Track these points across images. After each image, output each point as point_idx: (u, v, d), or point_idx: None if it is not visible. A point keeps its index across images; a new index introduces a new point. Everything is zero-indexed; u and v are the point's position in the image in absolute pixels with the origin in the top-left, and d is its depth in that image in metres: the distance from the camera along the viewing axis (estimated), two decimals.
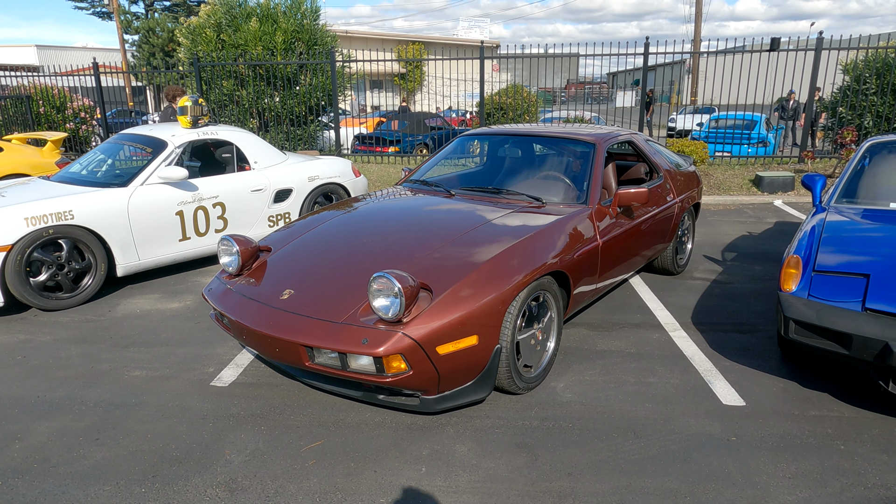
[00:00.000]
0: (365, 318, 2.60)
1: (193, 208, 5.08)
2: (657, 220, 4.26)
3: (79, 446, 2.67)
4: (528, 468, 2.47)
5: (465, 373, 2.68)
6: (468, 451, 2.60)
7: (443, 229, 3.21)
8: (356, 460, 2.54)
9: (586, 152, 3.99)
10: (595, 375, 3.27)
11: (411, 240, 3.13)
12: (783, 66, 12.04)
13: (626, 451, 2.57)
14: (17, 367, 3.48)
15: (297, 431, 2.76)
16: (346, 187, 6.35)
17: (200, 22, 10.73)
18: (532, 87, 12.98)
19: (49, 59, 30.86)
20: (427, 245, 3.03)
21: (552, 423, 2.79)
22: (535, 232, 3.12)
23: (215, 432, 2.76)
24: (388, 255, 2.98)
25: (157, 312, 4.34)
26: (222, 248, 3.25)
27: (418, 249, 3.00)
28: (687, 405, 2.95)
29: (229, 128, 5.73)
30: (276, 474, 2.46)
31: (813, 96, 9.26)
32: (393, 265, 2.86)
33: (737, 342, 3.69)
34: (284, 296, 2.85)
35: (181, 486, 2.39)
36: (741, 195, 8.36)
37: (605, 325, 3.97)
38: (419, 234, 3.18)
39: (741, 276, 5.00)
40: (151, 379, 3.31)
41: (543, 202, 3.63)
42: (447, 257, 2.89)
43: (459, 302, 2.62)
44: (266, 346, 2.75)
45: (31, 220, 4.19)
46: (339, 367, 2.60)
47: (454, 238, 3.07)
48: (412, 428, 2.77)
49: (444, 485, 2.38)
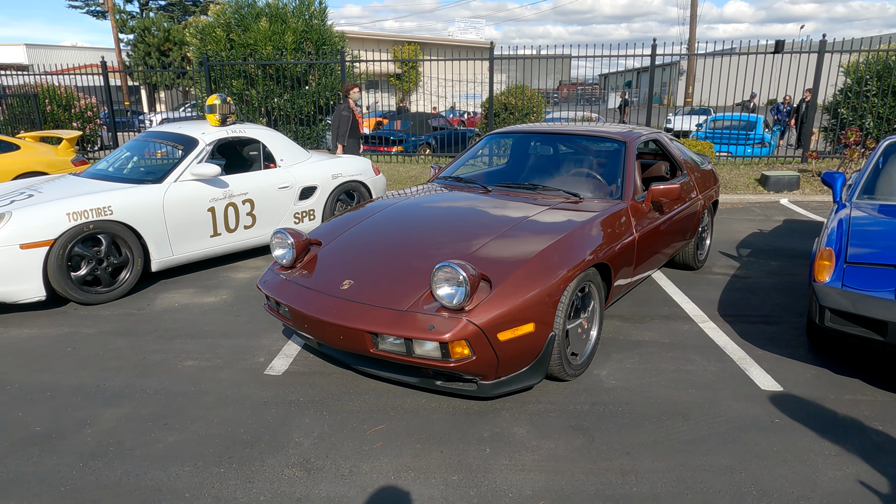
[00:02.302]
0: (428, 306, 2.72)
1: (224, 205, 5.16)
2: (684, 216, 4.40)
3: (149, 431, 2.76)
4: (586, 448, 2.60)
5: (521, 359, 2.80)
6: (526, 433, 2.72)
7: (489, 223, 3.33)
8: (421, 442, 2.65)
9: (618, 150, 4.13)
10: (635, 364, 3.40)
11: (461, 233, 3.25)
12: (775, 68, 12.33)
13: (678, 433, 2.70)
14: (69, 359, 3.56)
15: (357, 416, 2.87)
16: (368, 185, 6.45)
17: (210, 22, 10.78)
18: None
19: (38, 58, 30.63)
20: (477, 237, 3.15)
21: (602, 408, 2.92)
22: (581, 225, 3.25)
23: (279, 417, 2.87)
24: (443, 247, 3.10)
25: (196, 306, 4.43)
26: (276, 240, 3.35)
27: (470, 241, 3.12)
28: (727, 390, 3.09)
29: (256, 126, 5.82)
30: (346, 455, 2.57)
31: (814, 98, 9.47)
32: (450, 256, 2.98)
33: (765, 333, 3.84)
34: (345, 286, 2.96)
35: (258, 466, 2.49)
36: (748, 194, 8.55)
37: (637, 317, 4.10)
38: (467, 228, 3.30)
39: (759, 271, 5.16)
40: (205, 369, 3.40)
41: (581, 197, 3.76)
42: (499, 249, 3.01)
43: (517, 291, 2.74)
44: (330, 335, 2.85)
45: (73, 215, 4.26)
46: (403, 353, 2.71)
47: (503, 231, 3.19)
48: (468, 412, 2.89)
49: (510, 463, 2.50)
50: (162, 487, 2.37)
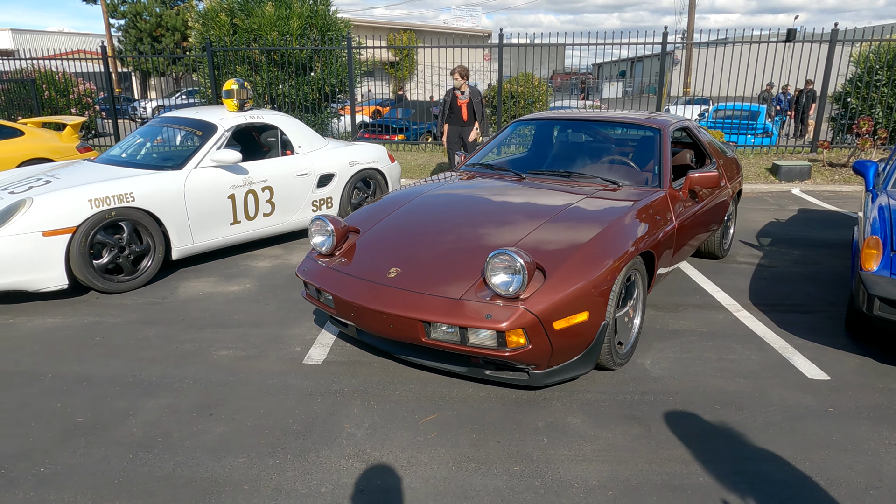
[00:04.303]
0: (481, 294, 2.66)
1: (244, 192, 5.07)
2: (715, 204, 4.37)
3: (195, 421, 2.70)
4: (644, 438, 2.57)
5: (573, 348, 2.76)
6: (581, 423, 2.68)
7: (533, 210, 3.28)
8: (476, 432, 2.61)
9: (652, 137, 4.08)
10: (677, 353, 3.38)
11: (504, 220, 3.19)
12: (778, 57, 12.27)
13: (733, 423, 2.68)
14: (99, 348, 3.48)
15: (406, 406, 2.82)
16: (384, 172, 6.37)
17: (213, 6, 10.58)
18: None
19: (24, 43, 30.04)
20: (523, 225, 3.10)
21: (652, 397, 2.89)
22: (627, 213, 3.21)
23: (326, 407, 2.81)
24: (489, 235, 3.04)
25: (220, 295, 4.35)
26: (315, 228, 3.28)
27: (516, 229, 3.06)
28: (774, 380, 3.07)
29: (274, 112, 5.72)
30: (402, 445, 2.52)
31: (825, 88, 9.45)
32: (499, 244, 2.92)
33: (801, 321, 3.82)
34: (392, 273, 2.90)
35: (313, 457, 2.44)
36: (759, 183, 8.54)
37: (670, 307, 4.08)
38: (510, 215, 3.25)
39: (783, 260, 5.15)
40: (240, 358, 3.34)
41: (619, 185, 3.71)
42: (548, 236, 2.96)
43: (571, 279, 2.70)
44: (378, 323, 2.80)
45: (95, 201, 4.16)
46: (457, 342, 2.66)
47: (549, 218, 3.14)
48: (519, 402, 2.85)
49: (570, 453, 2.46)
50: (218, 479, 2.31)
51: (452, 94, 7.14)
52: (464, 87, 7.04)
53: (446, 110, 7.23)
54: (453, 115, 7.19)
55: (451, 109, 7.19)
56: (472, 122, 7.12)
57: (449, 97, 7.20)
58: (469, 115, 7.09)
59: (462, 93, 7.08)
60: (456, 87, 7.07)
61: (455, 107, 7.15)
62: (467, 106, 7.06)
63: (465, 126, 7.16)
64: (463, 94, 7.07)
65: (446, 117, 7.25)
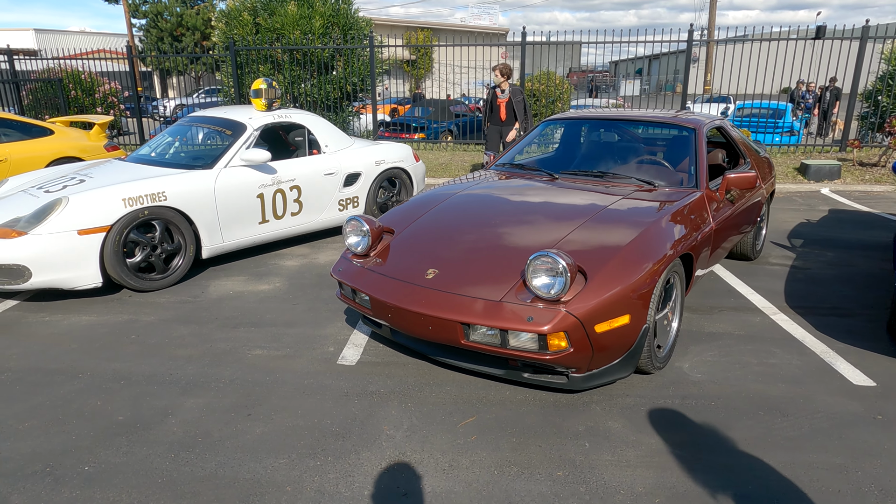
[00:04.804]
0: (522, 296, 2.64)
1: (273, 191, 5.09)
2: (751, 205, 4.30)
3: (234, 421, 2.71)
4: (689, 444, 2.52)
5: (614, 351, 2.72)
6: (622, 427, 2.64)
7: (569, 211, 3.24)
8: (517, 436, 2.58)
9: (687, 137, 4.01)
10: (715, 356, 3.32)
11: (541, 221, 3.16)
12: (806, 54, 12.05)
13: (779, 429, 2.62)
14: (135, 346, 3.51)
15: (444, 408, 2.81)
16: (409, 171, 6.36)
17: (236, 5, 10.64)
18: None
19: (47, 43, 30.50)
20: (560, 226, 3.06)
21: (693, 402, 2.84)
22: (666, 214, 3.16)
23: (364, 409, 2.80)
24: (526, 236, 3.01)
25: (251, 294, 4.37)
26: (350, 228, 3.27)
27: (553, 230, 3.03)
28: (818, 385, 3.00)
29: (301, 111, 5.73)
30: (443, 448, 2.50)
31: (855, 85, 9.27)
32: (538, 246, 2.89)
33: (840, 325, 3.74)
34: (430, 275, 2.88)
35: (354, 459, 2.43)
36: (787, 183, 8.40)
37: (704, 309, 4.01)
38: (547, 216, 3.21)
39: (816, 262, 5.05)
40: (275, 358, 3.34)
41: (654, 185, 3.66)
42: (587, 238, 2.92)
43: (612, 281, 2.66)
44: (417, 325, 2.78)
45: (129, 200, 4.20)
46: (497, 345, 2.63)
47: (586, 219, 3.10)
48: (558, 405, 2.82)
49: (613, 459, 2.43)
50: (261, 480, 2.31)
51: (493, 92, 7.08)
52: (504, 84, 6.97)
53: (487, 109, 7.19)
54: (493, 114, 7.14)
55: (492, 108, 7.14)
56: (512, 122, 7.03)
57: (490, 95, 7.14)
58: (508, 114, 7.02)
59: (502, 91, 7.00)
60: (496, 84, 7.02)
61: (495, 105, 7.09)
62: (506, 105, 7.00)
63: (503, 125, 7.10)
64: (503, 92, 6.99)
65: (488, 116, 7.20)
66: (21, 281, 3.91)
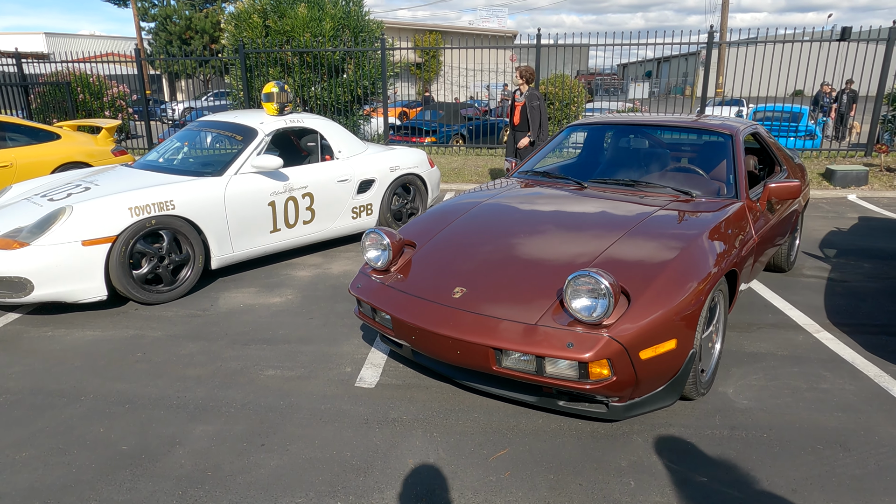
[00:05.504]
0: (559, 319, 2.42)
1: (285, 199, 4.90)
2: (788, 214, 4.07)
3: (246, 453, 2.51)
4: (743, 483, 2.30)
5: (659, 378, 2.50)
6: (668, 463, 2.42)
7: (603, 223, 3.02)
8: (554, 472, 2.37)
9: (724, 143, 3.79)
10: (761, 380, 3.09)
11: (574, 234, 2.94)
12: (818, 57, 11.79)
13: (843, 466, 2.39)
14: (141, 365, 3.32)
15: (472, 438, 2.59)
16: (424, 178, 6.16)
17: (246, 8, 10.49)
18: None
19: (58, 46, 30.56)
20: (596, 240, 2.84)
21: (744, 433, 2.62)
22: (710, 229, 2.93)
23: (386, 438, 2.59)
24: (560, 252, 2.80)
25: (262, 307, 4.17)
26: (370, 242, 3.07)
27: (589, 245, 2.81)
28: (878, 414, 2.77)
29: (313, 115, 5.54)
30: (475, 487, 2.29)
31: (881, 88, 8.99)
32: (575, 261, 2.67)
33: (891, 345, 3.50)
34: (457, 294, 2.67)
35: (378, 499, 2.22)
36: (812, 189, 8.14)
37: (742, 326, 3.78)
38: (580, 229, 3.00)
39: (854, 273, 4.80)
40: (289, 379, 3.14)
41: (692, 196, 3.44)
42: (627, 254, 2.71)
43: (658, 303, 2.44)
44: (443, 348, 2.57)
45: (135, 209, 4.01)
46: (532, 372, 2.42)
47: (624, 233, 2.88)
48: (595, 436, 2.60)
49: (663, 501, 2.20)
50: None
51: (513, 95, 6.92)
52: (523, 87, 6.77)
53: (510, 113, 7.04)
54: (511, 118, 6.98)
55: (511, 112, 6.98)
56: (525, 128, 6.81)
57: (511, 98, 6.97)
58: (522, 119, 6.80)
59: (520, 94, 6.82)
60: (517, 87, 6.83)
61: (513, 109, 6.92)
62: (521, 110, 6.80)
63: (517, 130, 6.91)
64: (521, 95, 6.80)
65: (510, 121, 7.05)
66: (23, 294, 3.73)
